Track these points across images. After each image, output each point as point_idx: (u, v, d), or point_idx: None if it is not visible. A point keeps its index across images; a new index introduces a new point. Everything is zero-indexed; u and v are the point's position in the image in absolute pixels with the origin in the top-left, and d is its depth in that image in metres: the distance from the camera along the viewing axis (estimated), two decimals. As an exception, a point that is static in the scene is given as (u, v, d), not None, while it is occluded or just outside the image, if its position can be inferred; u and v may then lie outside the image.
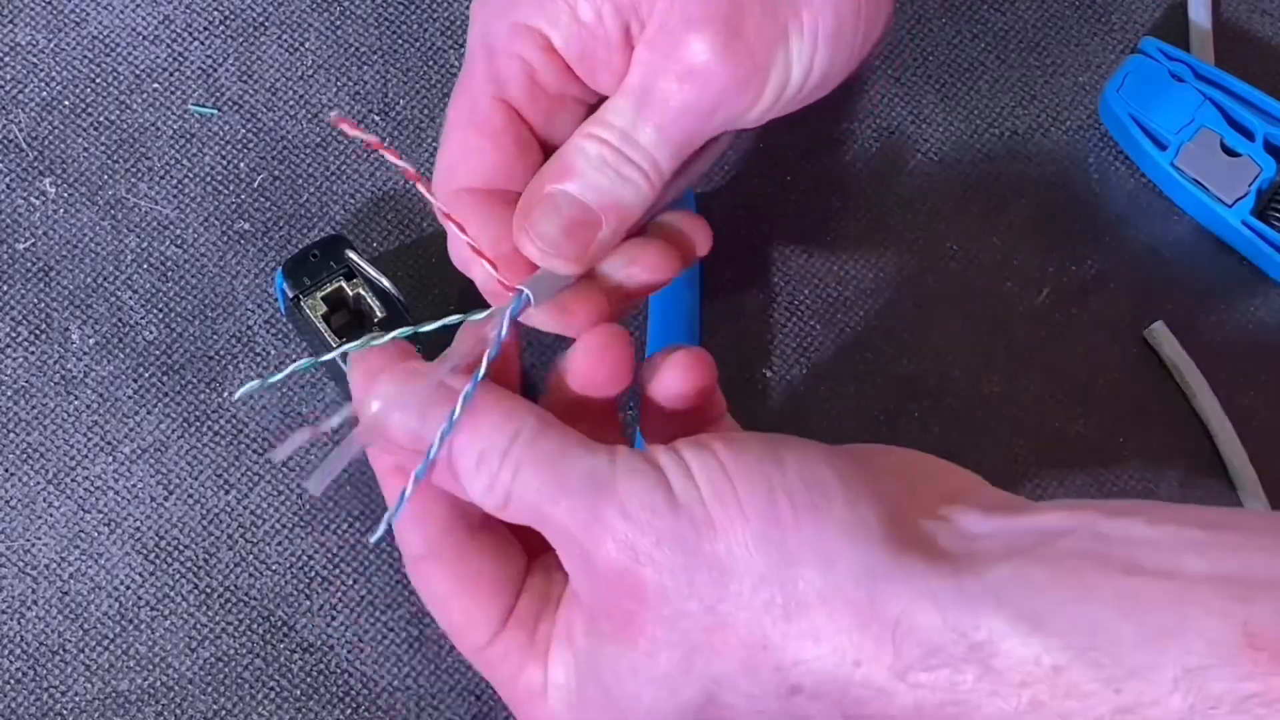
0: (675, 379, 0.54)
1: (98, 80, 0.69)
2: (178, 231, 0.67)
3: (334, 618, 0.63)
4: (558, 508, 0.49)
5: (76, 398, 0.65)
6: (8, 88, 0.69)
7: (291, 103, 0.69)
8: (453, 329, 0.54)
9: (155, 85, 0.69)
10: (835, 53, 0.55)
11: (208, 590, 0.63)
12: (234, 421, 0.65)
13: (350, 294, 0.64)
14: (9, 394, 0.65)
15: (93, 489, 0.64)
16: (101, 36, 0.70)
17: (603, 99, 0.56)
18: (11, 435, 0.64)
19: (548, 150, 0.56)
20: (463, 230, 0.54)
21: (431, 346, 0.64)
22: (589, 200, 0.55)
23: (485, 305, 0.54)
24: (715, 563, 0.48)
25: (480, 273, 0.55)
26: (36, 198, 0.68)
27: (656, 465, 0.49)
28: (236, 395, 0.63)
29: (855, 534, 0.48)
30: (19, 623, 0.62)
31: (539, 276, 0.54)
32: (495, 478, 0.50)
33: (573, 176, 0.54)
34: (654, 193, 0.55)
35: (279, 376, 0.54)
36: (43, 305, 0.66)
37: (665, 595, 0.48)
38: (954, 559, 0.48)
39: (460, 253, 0.56)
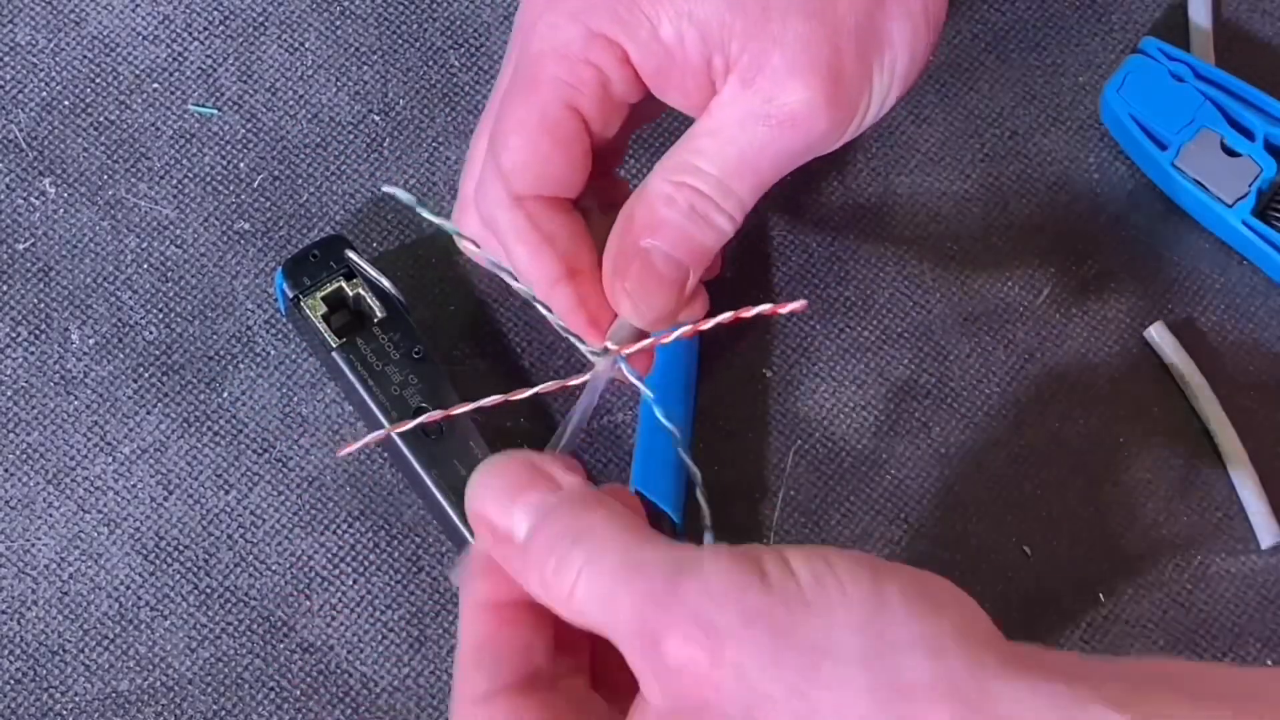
0: None
1: (98, 80, 0.69)
2: (178, 231, 0.67)
3: (334, 618, 0.63)
4: (630, 588, 0.44)
5: (76, 398, 0.65)
6: (8, 88, 0.69)
7: (291, 103, 0.69)
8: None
9: (155, 85, 0.69)
10: (906, 84, 0.56)
11: (208, 590, 0.63)
12: (234, 421, 0.65)
13: (350, 294, 0.64)
14: (9, 394, 0.65)
15: (93, 489, 0.64)
16: (101, 36, 0.70)
17: (655, 103, 0.56)
18: (11, 435, 0.64)
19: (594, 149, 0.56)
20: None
21: (432, 344, 0.64)
22: (680, 255, 0.54)
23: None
24: (809, 644, 0.43)
25: (559, 307, 0.55)
26: (36, 198, 0.67)
27: (751, 554, 0.45)
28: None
29: (968, 634, 0.44)
30: (19, 623, 0.62)
31: (620, 325, 0.54)
32: (565, 559, 0.45)
33: (665, 230, 0.54)
34: (736, 232, 0.55)
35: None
36: (43, 305, 0.66)
37: (746, 679, 0.43)
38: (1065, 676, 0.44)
39: (530, 274, 0.55)
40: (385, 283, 0.64)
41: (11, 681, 0.62)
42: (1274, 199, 0.68)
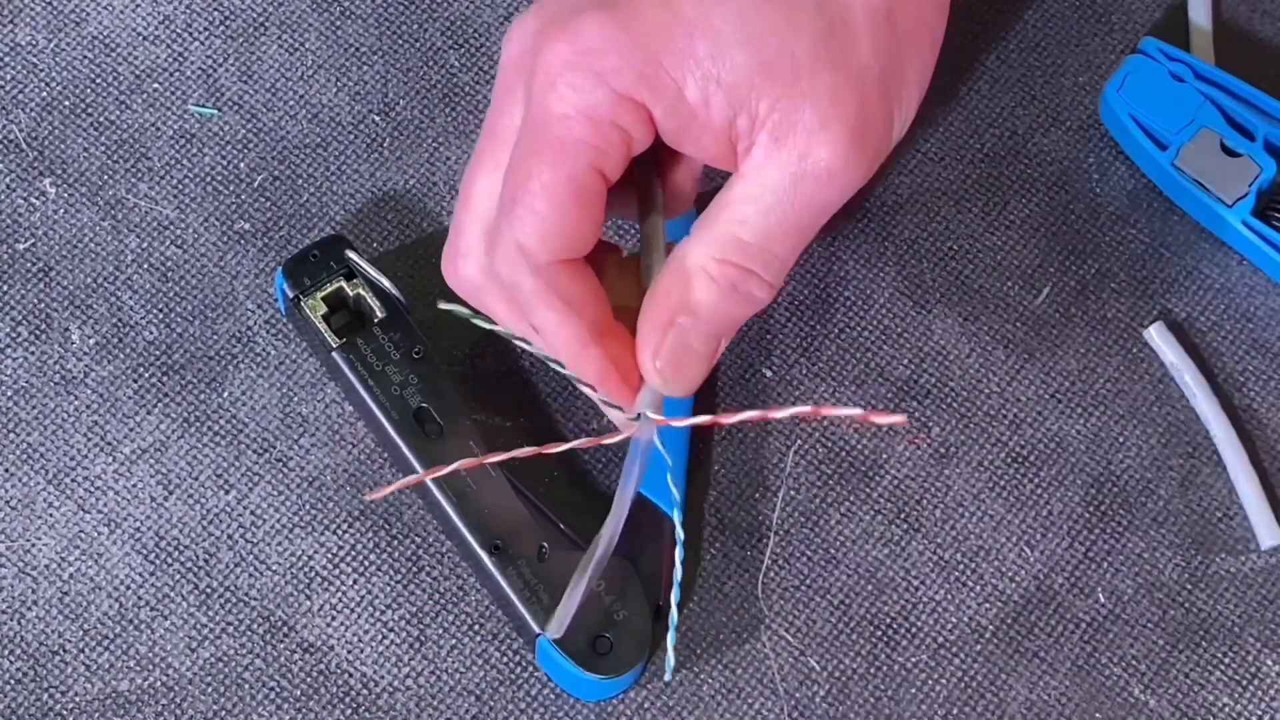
0: None
1: (98, 80, 0.69)
2: (178, 231, 0.67)
3: (334, 618, 0.63)
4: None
5: (76, 398, 0.65)
6: (8, 88, 0.69)
7: (291, 103, 0.69)
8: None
9: (155, 85, 0.69)
10: (914, 117, 0.56)
11: (208, 590, 0.63)
12: (234, 421, 0.65)
13: (350, 294, 0.64)
14: (9, 394, 0.65)
15: (93, 489, 0.64)
16: (101, 36, 0.70)
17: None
18: (11, 435, 0.64)
19: None
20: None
21: (432, 344, 0.64)
22: (714, 330, 0.54)
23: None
24: None
25: (590, 377, 0.55)
26: (36, 198, 0.67)
27: None
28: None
29: None
30: (19, 623, 0.62)
31: (649, 390, 0.55)
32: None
33: (702, 310, 0.54)
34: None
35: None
36: (43, 305, 0.66)
37: None
38: None
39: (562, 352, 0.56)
40: (385, 283, 0.64)
41: (11, 681, 0.62)
42: (1274, 199, 0.68)
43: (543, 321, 0.55)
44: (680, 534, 0.59)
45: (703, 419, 0.55)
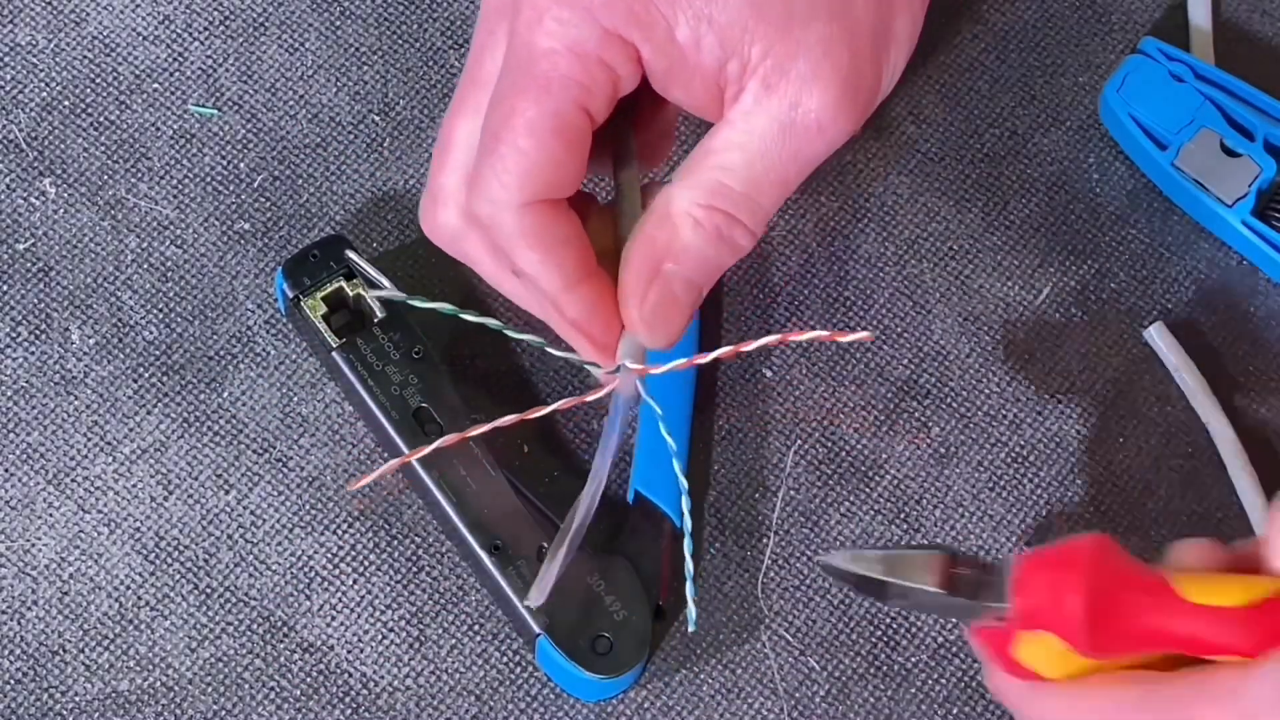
0: None
1: (98, 80, 0.69)
2: (178, 231, 0.67)
3: (334, 618, 0.63)
4: None
5: (76, 398, 0.65)
6: (8, 88, 0.69)
7: (291, 103, 0.69)
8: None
9: (155, 85, 0.69)
10: (900, 74, 0.56)
11: (208, 590, 0.63)
12: (234, 421, 0.65)
13: (350, 294, 0.64)
14: (9, 394, 0.65)
15: (93, 489, 0.64)
16: (101, 36, 0.70)
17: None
18: (11, 435, 0.64)
19: None
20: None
21: (432, 344, 0.64)
22: (700, 279, 0.54)
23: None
24: None
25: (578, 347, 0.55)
26: (36, 198, 0.67)
27: None
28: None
29: None
30: (19, 623, 0.62)
31: (629, 339, 0.54)
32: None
33: (688, 256, 0.53)
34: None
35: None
36: (43, 305, 0.66)
37: None
38: None
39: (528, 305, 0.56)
40: (385, 283, 0.64)
41: (11, 681, 0.62)
42: (1274, 199, 0.68)
43: (525, 262, 0.53)
44: (684, 483, 0.58)
45: (678, 363, 0.54)
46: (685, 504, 0.59)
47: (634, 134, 0.57)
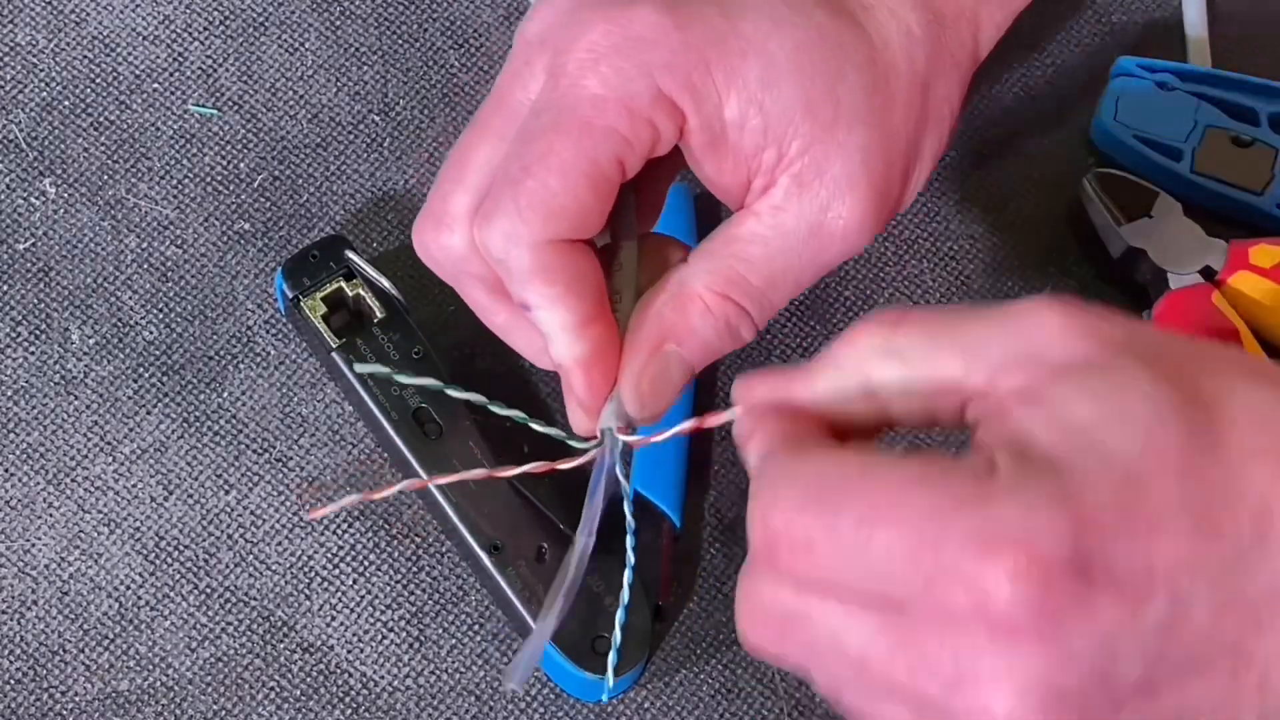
0: None
1: (98, 80, 0.69)
2: (178, 231, 0.67)
3: (334, 618, 0.63)
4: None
5: (76, 398, 0.65)
6: (8, 88, 0.69)
7: (291, 103, 0.69)
8: None
9: (155, 85, 0.69)
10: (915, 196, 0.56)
11: (208, 590, 0.63)
12: (234, 421, 0.65)
13: (350, 294, 0.64)
14: (9, 394, 0.65)
15: (93, 489, 0.64)
16: (101, 36, 0.70)
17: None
18: (11, 435, 0.64)
19: None
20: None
21: (432, 344, 0.64)
22: (697, 361, 0.53)
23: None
24: None
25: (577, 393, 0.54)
26: (36, 198, 0.68)
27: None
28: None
29: None
30: (19, 623, 0.62)
31: (614, 403, 0.53)
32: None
33: (693, 340, 0.53)
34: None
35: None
36: (43, 305, 0.66)
37: None
38: None
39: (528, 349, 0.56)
40: (385, 283, 0.64)
41: (11, 681, 0.62)
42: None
43: (537, 298, 0.52)
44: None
45: (660, 436, 0.53)
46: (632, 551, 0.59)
47: (635, 192, 0.56)
